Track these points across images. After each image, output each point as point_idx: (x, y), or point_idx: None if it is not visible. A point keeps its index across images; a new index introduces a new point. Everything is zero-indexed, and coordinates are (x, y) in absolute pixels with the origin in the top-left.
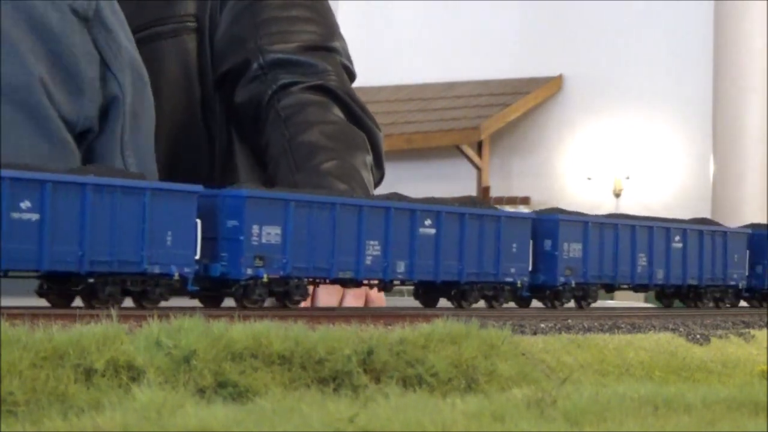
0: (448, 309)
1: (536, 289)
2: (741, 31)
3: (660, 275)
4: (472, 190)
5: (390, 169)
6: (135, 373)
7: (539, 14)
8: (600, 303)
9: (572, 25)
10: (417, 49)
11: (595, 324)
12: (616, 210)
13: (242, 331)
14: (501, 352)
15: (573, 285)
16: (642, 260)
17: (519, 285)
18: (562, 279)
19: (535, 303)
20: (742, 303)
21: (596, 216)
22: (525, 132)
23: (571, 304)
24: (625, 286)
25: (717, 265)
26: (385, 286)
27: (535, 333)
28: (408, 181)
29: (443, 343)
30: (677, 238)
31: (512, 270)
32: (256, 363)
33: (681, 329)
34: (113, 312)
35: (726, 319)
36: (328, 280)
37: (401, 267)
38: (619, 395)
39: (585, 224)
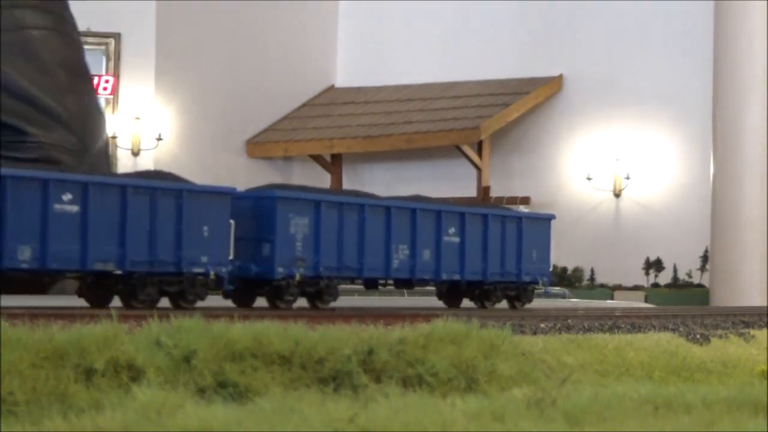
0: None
1: None
2: (741, 31)
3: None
4: (472, 190)
5: (390, 169)
6: (135, 373)
7: (539, 14)
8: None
9: (572, 25)
10: (417, 49)
11: (595, 324)
12: (617, 210)
13: (242, 331)
14: (501, 352)
15: None
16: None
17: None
18: None
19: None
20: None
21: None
22: (525, 132)
23: None
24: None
25: (161, 241)
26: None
27: (535, 333)
28: (408, 181)
29: (443, 343)
30: (67, 196)
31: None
32: (256, 363)
33: (681, 329)
34: (113, 312)
35: (726, 319)
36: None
37: None
38: (619, 395)
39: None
